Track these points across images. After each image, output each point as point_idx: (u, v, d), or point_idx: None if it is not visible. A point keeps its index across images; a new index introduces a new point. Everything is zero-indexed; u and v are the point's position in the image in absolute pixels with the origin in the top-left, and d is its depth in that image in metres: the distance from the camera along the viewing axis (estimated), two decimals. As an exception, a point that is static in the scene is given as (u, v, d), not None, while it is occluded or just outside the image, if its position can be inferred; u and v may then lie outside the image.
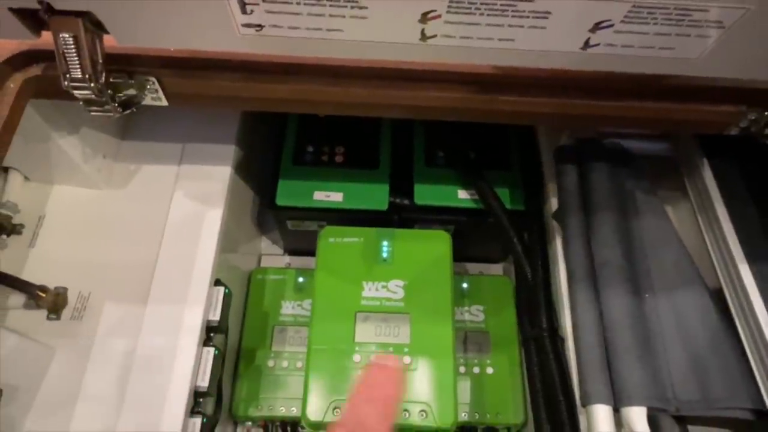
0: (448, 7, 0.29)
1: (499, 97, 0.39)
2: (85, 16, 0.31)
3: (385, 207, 0.63)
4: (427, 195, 0.64)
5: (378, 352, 0.55)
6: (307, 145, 0.67)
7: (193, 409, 0.51)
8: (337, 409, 0.53)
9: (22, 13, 0.31)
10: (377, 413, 0.27)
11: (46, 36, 0.33)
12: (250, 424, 0.66)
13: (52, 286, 0.53)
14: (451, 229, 0.66)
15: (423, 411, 0.53)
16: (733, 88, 0.38)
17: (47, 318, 0.52)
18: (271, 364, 0.66)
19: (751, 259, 0.44)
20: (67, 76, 0.34)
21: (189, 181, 0.59)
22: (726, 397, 0.43)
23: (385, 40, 0.32)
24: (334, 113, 0.43)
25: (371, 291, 0.58)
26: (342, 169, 0.65)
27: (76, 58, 0.33)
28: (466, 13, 0.29)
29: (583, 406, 0.44)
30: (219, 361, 0.54)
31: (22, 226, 0.56)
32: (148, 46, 0.34)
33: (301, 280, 0.71)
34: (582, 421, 0.47)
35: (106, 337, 0.51)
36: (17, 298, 0.52)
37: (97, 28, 0.33)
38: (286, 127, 0.68)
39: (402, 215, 0.65)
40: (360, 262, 0.59)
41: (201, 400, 0.52)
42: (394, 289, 0.58)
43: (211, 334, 0.55)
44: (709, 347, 0.45)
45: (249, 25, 0.31)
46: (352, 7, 0.29)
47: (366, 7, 0.29)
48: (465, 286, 0.71)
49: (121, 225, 0.57)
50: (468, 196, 0.64)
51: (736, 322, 0.45)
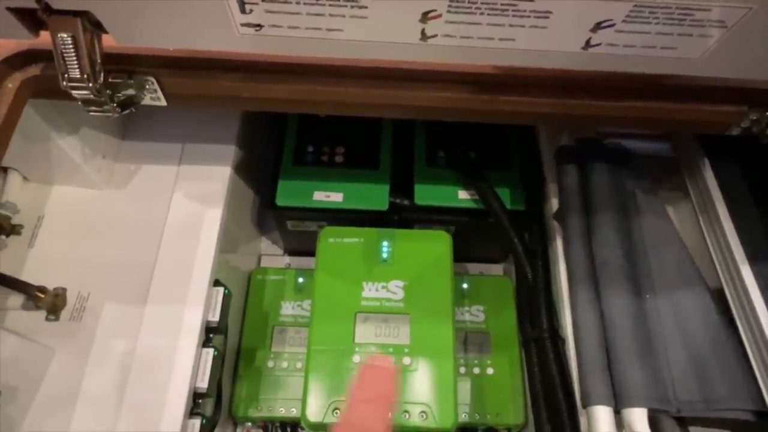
0: (449, 6, 0.29)
1: (499, 98, 0.39)
2: (83, 15, 0.31)
3: (385, 207, 0.63)
4: (427, 195, 0.64)
5: (378, 353, 0.55)
6: (308, 145, 0.67)
7: (192, 410, 0.51)
8: (337, 410, 0.52)
9: (20, 12, 0.31)
10: (375, 413, 0.27)
11: (45, 36, 0.33)
12: (249, 424, 0.66)
13: (51, 287, 0.53)
14: (452, 229, 0.66)
15: (423, 412, 0.53)
16: (734, 88, 0.38)
17: (46, 319, 0.52)
18: (270, 364, 0.66)
19: (753, 259, 0.44)
20: (66, 76, 0.33)
21: (188, 181, 0.59)
22: (727, 398, 0.43)
23: (386, 40, 0.32)
24: (334, 113, 0.42)
25: (371, 291, 0.58)
26: (342, 170, 0.65)
27: (75, 58, 0.32)
28: (467, 13, 0.29)
29: (584, 407, 0.44)
30: (218, 361, 0.54)
31: (21, 226, 0.56)
32: (147, 45, 0.34)
33: (300, 280, 0.71)
34: (582, 422, 0.46)
35: (105, 338, 0.51)
36: (16, 299, 0.52)
37: (96, 27, 0.32)
38: (287, 127, 0.68)
39: (402, 215, 0.65)
40: (360, 263, 0.59)
41: (200, 401, 0.52)
42: (394, 290, 0.58)
43: (211, 335, 0.54)
44: (710, 348, 0.45)
45: (248, 25, 0.31)
46: (352, 6, 0.29)
47: (366, 6, 0.29)
48: (465, 286, 0.71)
49: (120, 225, 0.57)
50: (468, 197, 0.64)
51: (737, 322, 0.45)
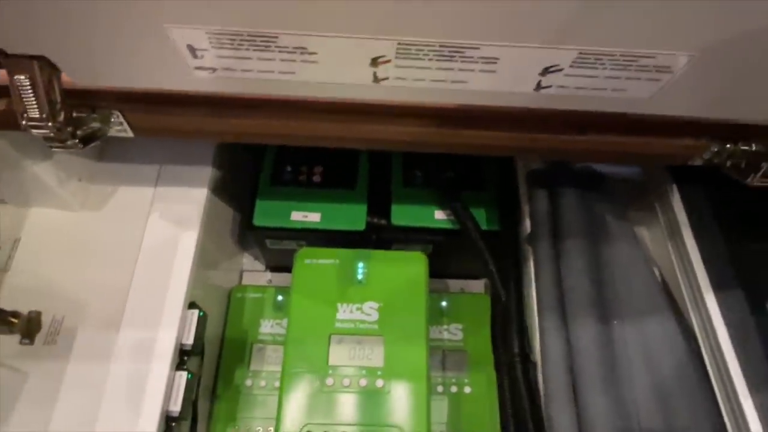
0: (397, 53, 0.29)
1: (461, 131, 0.39)
2: (39, 58, 0.31)
3: (362, 227, 0.64)
4: (404, 215, 0.64)
5: (351, 376, 0.55)
6: (285, 165, 0.67)
7: (165, 433, 0.51)
8: (310, 433, 0.53)
9: (-23, 54, 0.31)
10: None
11: (4, 74, 0.33)
12: (227, 443, 0.66)
13: (26, 310, 0.53)
14: (430, 248, 0.66)
15: (395, 435, 0.53)
16: (692, 122, 0.38)
17: (20, 342, 0.52)
18: (249, 383, 0.66)
19: (717, 286, 0.45)
20: (25, 115, 0.34)
21: (165, 203, 0.59)
22: (690, 426, 0.43)
23: (339, 82, 0.32)
24: (301, 144, 0.43)
25: (346, 313, 0.58)
26: (320, 190, 0.66)
27: (33, 99, 0.33)
28: (415, 59, 0.30)
29: (548, 436, 0.44)
30: (193, 384, 0.54)
31: (-3, 249, 0.56)
32: (106, 85, 0.34)
33: (280, 298, 0.71)
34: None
35: (79, 362, 0.52)
36: (-11, 324, 0.52)
37: (53, 68, 0.33)
38: (265, 147, 0.68)
39: (379, 235, 0.65)
40: (335, 284, 0.60)
41: (174, 424, 0.52)
42: (369, 312, 0.58)
43: (185, 358, 0.55)
44: (674, 376, 0.45)
45: (202, 68, 0.31)
46: (302, 53, 0.29)
47: (315, 52, 0.29)
48: (444, 304, 0.71)
49: (96, 248, 0.57)
50: (444, 217, 0.64)
51: (702, 350, 0.45)
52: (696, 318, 0.46)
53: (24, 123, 0.34)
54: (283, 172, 0.67)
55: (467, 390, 0.66)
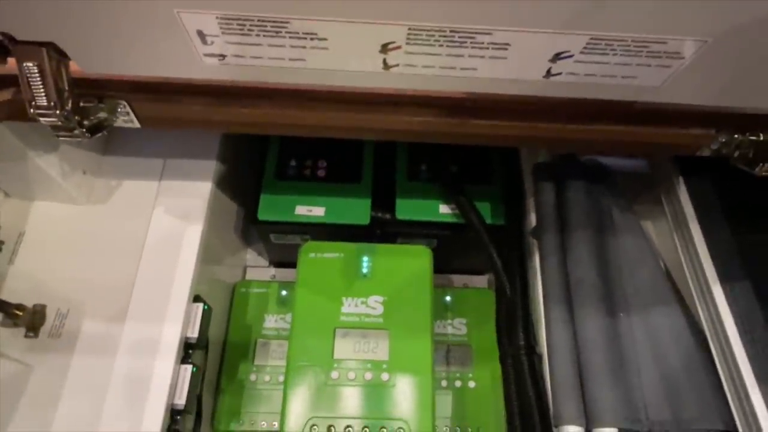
0: (407, 38, 0.29)
1: (469, 121, 0.39)
2: (48, 45, 0.31)
3: (366, 221, 0.63)
4: (408, 210, 0.64)
5: (356, 370, 0.55)
6: (290, 160, 0.67)
7: (169, 428, 0.51)
8: (315, 426, 0.53)
9: (-14, 41, 0.31)
10: None
11: (11, 62, 0.33)
12: (231, 438, 0.66)
13: (30, 303, 0.53)
14: (434, 242, 0.66)
15: (401, 428, 0.53)
16: (701, 112, 0.38)
17: (25, 335, 0.52)
18: (253, 378, 0.66)
19: (724, 278, 0.45)
20: (33, 103, 0.34)
21: (169, 197, 0.59)
22: (698, 418, 0.43)
23: (348, 69, 0.32)
24: (308, 135, 0.43)
25: (350, 307, 0.58)
26: (324, 184, 0.65)
27: (41, 87, 0.33)
28: (425, 44, 0.29)
29: (555, 427, 0.44)
30: (197, 377, 0.54)
31: (1, 242, 0.56)
32: (114, 73, 0.34)
33: (284, 293, 0.71)
34: (557, 440, 0.47)
35: (83, 355, 0.52)
36: (-6, 317, 0.52)
37: (62, 56, 0.33)
38: (269, 141, 0.68)
39: (384, 229, 0.65)
40: (340, 278, 0.59)
41: (178, 417, 0.52)
42: (374, 305, 0.58)
43: (190, 351, 0.55)
44: (682, 367, 0.45)
45: (211, 55, 0.31)
46: (312, 38, 0.29)
47: (326, 38, 0.29)
48: (448, 299, 0.71)
49: (100, 241, 0.57)
50: (449, 211, 0.64)
51: (710, 342, 0.45)
52: (703, 310, 0.46)
53: (32, 111, 0.34)
54: (287, 167, 0.66)
55: (471, 385, 0.66)
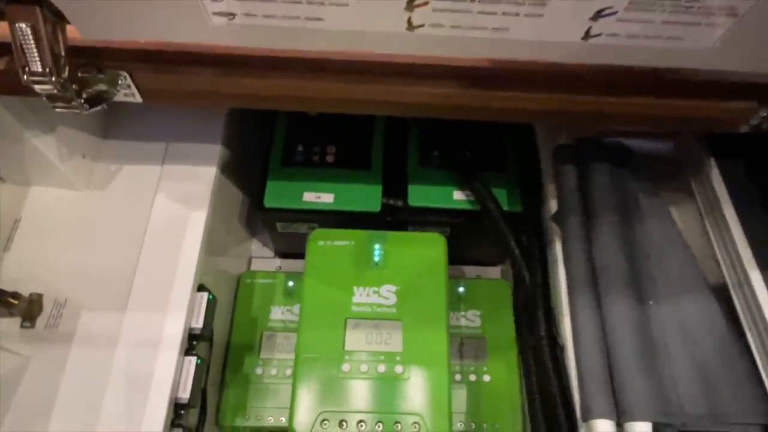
0: (436, -8, 0.27)
1: (495, 93, 0.37)
2: (43, 4, 0.29)
3: (378, 209, 0.61)
4: (421, 196, 0.61)
5: (369, 362, 0.52)
6: (297, 145, 0.64)
7: (173, 422, 0.48)
8: (326, 421, 0.50)
9: (-25, 1, 0.29)
10: None
11: (4, 28, 0.31)
12: (237, 434, 0.64)
13: (27, 292, 0.50)
14: (447, 231, 0.63)
15: (416, 423, 0.50)
16: (744, 83, 0.36)
17: (21, 326, 0.50)
18: (259, 371, 0.63)
19: (762, 263, 0.42)
20: (26, 69, 0.31)
21: (172, 182, 0.56)
22: (735, 412, 0.40)
23: (370, 30, 0.29)
24: (320, 110, 0.40)
25: (362, 296, 0.55)
26: (333, 170, 0.63)
27: (35, 50, 0.30)
28: (455, 0, 0.27)
29: (584, 421, 0.42)
30: (202, 370, 0.52)
31: (-4, 229, 0.53)
32: (114, 38, 0.32)
33: (290, 284, 0.68)
34: (582, 435, 0.44)
35: (82, 347, 0.49)
36: (-12, 306, 0.49)
37: (58, 17, 0.30)
38: (275, 125, 0.66)
39: (395, 217, 0.62)
40: (351, 267, 0.57)
41: (182, 411, 0.50)
42: (386, 295, 0.56)
43: (194, 342, 0.52)
44: (716, 358, 0.42)
45: (221, 14, 0.29)
46: (331, -7, 0.27)
47: (347, -7, 0.27)
48: (461, 290, 0.69)
49: (100, 228, 0.54)
50: (464, 197, 0.61)
51: (746, 330, 0.42)
52: (739, 298, 0.43)
53: (26, 78, 0.32)
54: (294, 152, 0.64)
55: (486, 378, 0.64)
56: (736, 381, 0.42)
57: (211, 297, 0.53)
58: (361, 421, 0.50)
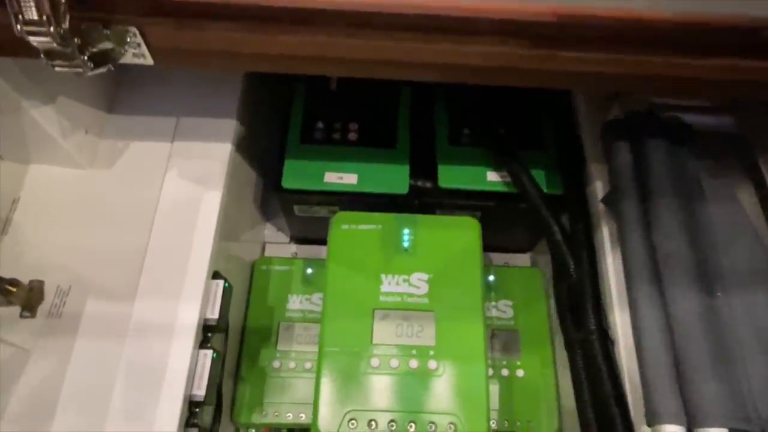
0: None
1: (559, 53, 0.32)
2: (37, -66, 0.24)
3: (405, 190, 0.56)
4: (452, 177, 0.57)
5: (400, 356, 0.48)
6: (317, 121, 0.60)
7: (188, 421, 0.44)
8: (354, 421, 0.46)
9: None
10: None
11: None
12: (253, 431, 0.60)
13: (26, 279, 0.46)
14: (477, 215, 0.58)
15: (451, 423, 0.46)
16: None
17: (21, 315, 0.45)
18: (276, 365, 0.59)
19: None
20: (20, 18, 0.26)
21: (183, 160, 0.52)
22: (820, 416, 0.36)
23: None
24: (352, 74, 0.35)
25: (391, 285, 0.51)
26: (355, 148, 0.58)
27: (30, -7, 0.25)
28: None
29: (650, 426, 0.37)
30: (218, 364, 0.48)
31: (-7, 210, 0.49)
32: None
33: (309, 271, 0.64)
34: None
35: (87, 339, 0.45)
36: (-15, 294, 0.45)
37: (56, -47, 0.25)
38: (293, 99, 0.61)
39: (423, 200, 0.58)
40: (378, 252, 0.52)
41: (197, 410, 0.46)
42: (417, 284, 0.51)
43: (209, 334, 0.48)
44: (796, 357, 0.38)
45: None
46: None
47: None
48: (492, 278, 0.64)
49: (106, 210, 0.50)
50: (498, 179, 0.56)
51: (829, 326, 0.38)
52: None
53: (19, 28, 0.27)
54: (314, 129, 0.59)
55: (520, 374, 0.59)
56: (820, 382, 0.37)
57: (227, 285, 0.49)
58: (391, 420, 0.46)
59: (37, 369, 0.44)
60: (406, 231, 0.53)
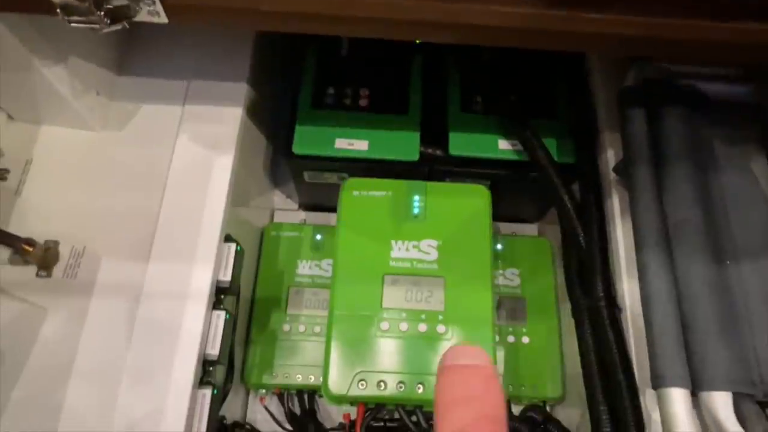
0: None
1: (579, 14, 0.31)
2: None
3: (415, 157, 0.56)
4: (463, 145, 0.56)
5: (409, 320, 0.49)
6: (328, 87, 0.59)
7: (202, 380, 0.45)
8: (363, 382, 0.47)
9: None
10: None
11: None
12: (263, 392, 0.61)
13: (41, 240, 0.47)
14: (487, 183, 0.58)
15: (459, 386, 0.47)
16: None
17: (37, 275, 0.46)
18: (286, 328, 0.60)
19: None
20: (37, -30, 0.26)
21: (195, 123, 0.52)
22: (824, 383, 0.37)
23: None
24: (367, 35, 0.35)
25: (401, 251, 0.51)
26: (367, 114, 0.58)
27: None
28: None
29: (655, 389, 0.38)
30: (230, 325, 0.48)
31: (6, 171, 0.49)
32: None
33: (318, 237, 0.65)
34: (643, 403, 0.41)
35: (103, 298, 0.46)
36: (1, 252, 0.46)
37: None
38: (304, 64, 0.60)
39: (434, 167, 0.57)
40: (388, 219, 0.53)
41: (211, 369, 0.47)
42: (427, 250, 0.52)
43: (222, 296, 0.49)
44: (803, 325, 0.38)
45: None
46: None
47: None
48: (499, 247, 0.65)
49: (118, 171, 0.50)
50: (510, 147, 0.56)
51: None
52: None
53: (35, -20, 0.26)
54: (324, 95, 0.59)
55: (525, 340, 0.60)
56: (825, 349, 0.38)
57: (239, 248, 0.49)
58: (400, 382, 0.47)
59: (54, 327, 0.45)
60: (416, 198, 0.53)
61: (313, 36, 0.60)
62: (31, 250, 0.44)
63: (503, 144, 0.56)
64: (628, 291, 0.45)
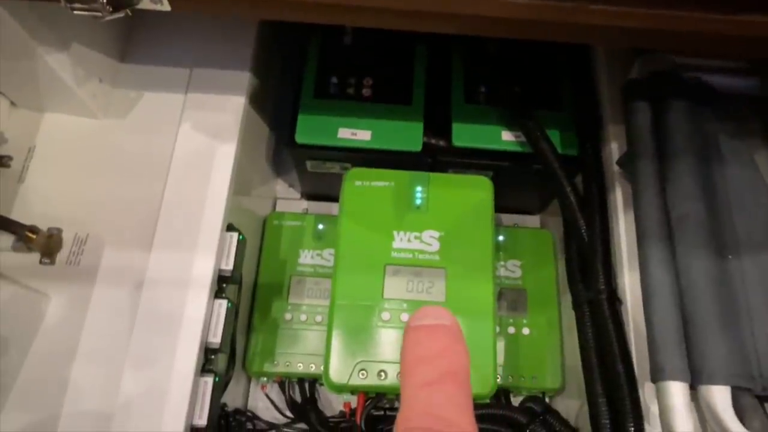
0: None
1: (586, 6, 0.31)
2: None
3: (418, 148, 0.56)
4: (466, 136, 0.56)
5: (410, 311, 0.49)
6: (331, 76, 0.59)
7: (203, 367, 0.46)
8: (363, 371, 0.47)
9: None
10: (449, 398, 0.19)
11: None
12: (265, 380, 0.62)
13: (45, 227, 0.47)
14: (489, 174, 0.58)
15: (459, 376, 0.47)
16: None
17: (40, 262, 0.46)
18: (288, 317, 0.61)
19: None
20: (38, -44, 0.26)
21: (197, 111, 0.52)
22: (823, 378, 0.37)
23: None
24: (371, 24, 0.35)
25: (403, 242, 0.52)
26: (370, 104, 0.57)
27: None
28: None
29: (654, 382, 0.38)
30: (232, 314, 0.49)
31: (9, 158, 0.49)
32: None
33: (321, 227, 0.65)
34: (642, 396, 0.41)
35: (106, 286, 0.46)
36: (5, 240, 0.46)
37: None
38: (307, 53, 0.60)
39: (436, 158, 0.57)
40: (390, 209, 0.53)
41: (212, 357, 0.47)
42: (429, 241, 0.52)
43: (224, 285, 0.49)
44: (803, 320, 0.38)
45: None
46: None
47: None
48: (501, 238, 0.65)
49: (121, 159, 0.50)
50: (513, 138, 0.56)
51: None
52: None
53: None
54: (328, 84, 0.58)
55: (526, 331, 0.61)
56: (825, 345, 0.38)
57: (241, 237, 0.49)
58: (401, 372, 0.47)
59: (58, 314, 0.45)
60: (418, 189, 0.53)
61: (316, 25, 0.60)
62: (34, 237, 0.45)
63: (506, 135, 0.56)
64: (629, 284, 0.45)
